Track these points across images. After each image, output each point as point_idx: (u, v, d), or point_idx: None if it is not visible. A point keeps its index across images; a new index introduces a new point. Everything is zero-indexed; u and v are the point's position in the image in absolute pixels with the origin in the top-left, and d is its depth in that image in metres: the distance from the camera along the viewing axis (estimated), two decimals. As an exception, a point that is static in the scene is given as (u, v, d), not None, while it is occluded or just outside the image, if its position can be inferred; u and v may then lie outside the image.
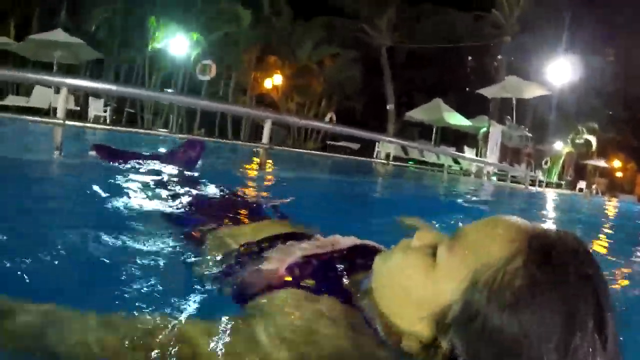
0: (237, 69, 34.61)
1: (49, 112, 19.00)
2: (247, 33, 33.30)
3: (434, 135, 28.54)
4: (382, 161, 8.66)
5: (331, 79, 37.50)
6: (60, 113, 4.91)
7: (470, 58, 37.78)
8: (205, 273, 1.55)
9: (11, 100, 21.49)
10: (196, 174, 3.73)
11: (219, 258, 1.60)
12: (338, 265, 1.31)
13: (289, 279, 1.26)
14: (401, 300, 1.03)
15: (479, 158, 22.23)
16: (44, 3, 32.01)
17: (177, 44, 31.14)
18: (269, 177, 6.47)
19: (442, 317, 0.96)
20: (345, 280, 1.25)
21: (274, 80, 36.70)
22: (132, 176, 3.17)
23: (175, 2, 31.23)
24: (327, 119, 31.23)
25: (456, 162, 24.04)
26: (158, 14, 30.90)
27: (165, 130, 25.80)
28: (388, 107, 36.90)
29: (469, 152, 24.18)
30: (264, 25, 34.93)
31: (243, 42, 33.60)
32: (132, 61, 33.20)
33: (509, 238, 0.95)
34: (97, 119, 21.03)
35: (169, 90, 28.54)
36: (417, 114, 28.45)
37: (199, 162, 4.27)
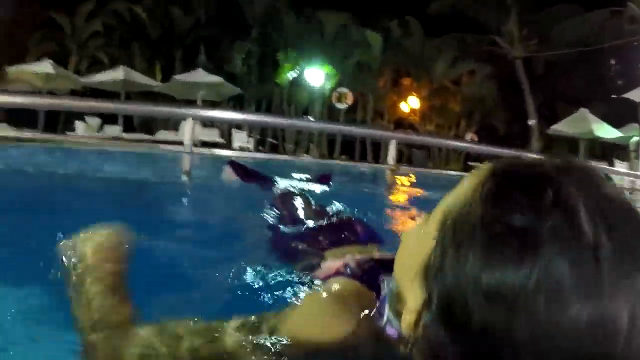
0: (372, 94, 34.96)
1: (195, 144, 19.92)
2: (379, 58, 33.75)
3: (581, 149, 27.02)
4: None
5: (468, 97, 36.58)
6: (187, 141, 5.30)
7: (612, 61, 35.10)
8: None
9: (161, 134, 22.77)
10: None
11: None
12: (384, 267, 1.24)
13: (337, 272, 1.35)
14: (402, 265, 0.94)
15: (632, 172, 20.73)
16: (185, 46, 34.35)
17: (312, 75, 31.98)
18: (396, 198, 6.29)
19: (426, 267, 0.83)
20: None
21: (411, 103, 36.41)
22: (245, 200, 3.26)
23: (306, 34, 32.21)
24: (467, 138, 30.61)
25: (608, 178, 22.63)
26: (291, 47, 31.98)
27: (307, 155, 26.46)
28: (529, 122, 35.27)
29: (619, 166, 22.65)
30: (395, 47, 34.89)
31: (376, 67, 33.99)
32: (271, 94, 34.52)
33: (479, 172, 0.83)
34: (240, 150, 21.79)
35: (310, 118, 29.16)
36: (561, 127, 26.95)
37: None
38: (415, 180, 9.11)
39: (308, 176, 4.92)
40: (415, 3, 35.16)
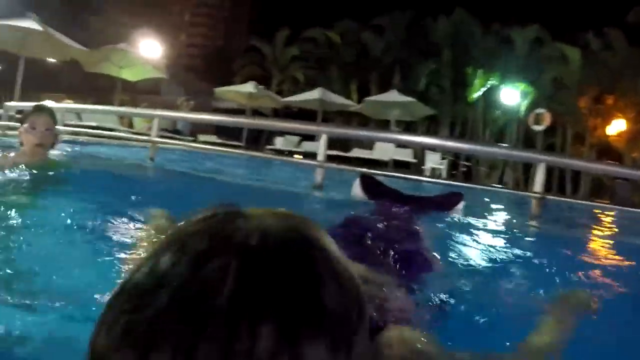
0: (571, 115, 32.57)
1: (388, 164, 20.35)
2: (578, 74, 31.65)
3: None
4: None
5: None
6: (320, 157, 5.55)
7: None
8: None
9: (355, 152, 23.37)
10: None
11: None
12: None
13: None
14: None
15: None
16: (380, 68, 35.27)
17: (506, 94, 31.06)
18: (535, 233, 5.14)
19: None
20: None
21: (615, 126, 32.61)
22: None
23: (497, 51, 31.29)
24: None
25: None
26: (481, 66, 31.33)
27: (500, 187, 25.84)
28: None
29: None
30: (595, 62, 31.64)
31: (574, 84, 31.84)
32: (464, 115, 34.08)
33: None
34: (433, 172, 21.69)
35: (504, 145, 28.01)
36: None
37: (457, 211, 4.18)
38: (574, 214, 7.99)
39: (438, 194, 4.90)
40: (614, 11, 32.36)
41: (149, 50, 32.68)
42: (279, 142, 23.74)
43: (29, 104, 11.45)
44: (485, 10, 34.12)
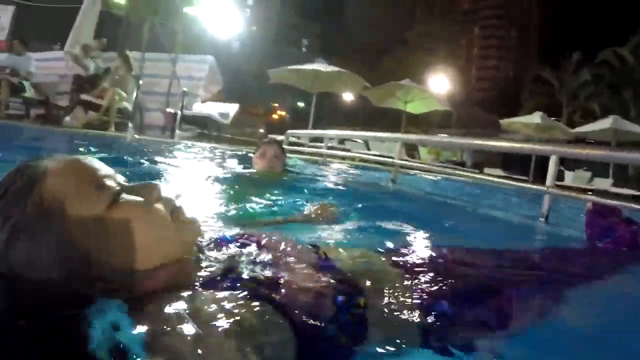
0: None
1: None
2: None
3: None
4: None
5: None
6: (548, 181, 5.05)
7: None
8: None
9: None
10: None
11: None
12: None
13: None
14: None
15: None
16: None
17: None
18: None
19: None
20: None
21: None
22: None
23: None
24: None
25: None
26: None
27: None
28: None
29: None
30: None
31: None
32: None
33: None
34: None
35: None
36: None
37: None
38: None
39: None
40: None
41: (437, 84, 33.94)
42: (569, 178, 22.33)
43: (304, 132, 12.78)
44: None
